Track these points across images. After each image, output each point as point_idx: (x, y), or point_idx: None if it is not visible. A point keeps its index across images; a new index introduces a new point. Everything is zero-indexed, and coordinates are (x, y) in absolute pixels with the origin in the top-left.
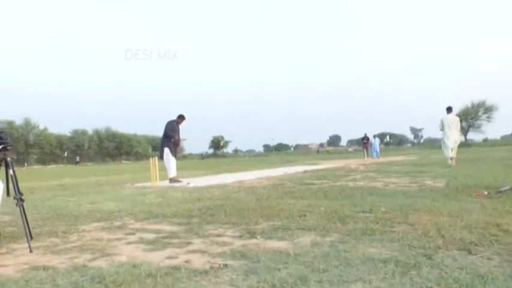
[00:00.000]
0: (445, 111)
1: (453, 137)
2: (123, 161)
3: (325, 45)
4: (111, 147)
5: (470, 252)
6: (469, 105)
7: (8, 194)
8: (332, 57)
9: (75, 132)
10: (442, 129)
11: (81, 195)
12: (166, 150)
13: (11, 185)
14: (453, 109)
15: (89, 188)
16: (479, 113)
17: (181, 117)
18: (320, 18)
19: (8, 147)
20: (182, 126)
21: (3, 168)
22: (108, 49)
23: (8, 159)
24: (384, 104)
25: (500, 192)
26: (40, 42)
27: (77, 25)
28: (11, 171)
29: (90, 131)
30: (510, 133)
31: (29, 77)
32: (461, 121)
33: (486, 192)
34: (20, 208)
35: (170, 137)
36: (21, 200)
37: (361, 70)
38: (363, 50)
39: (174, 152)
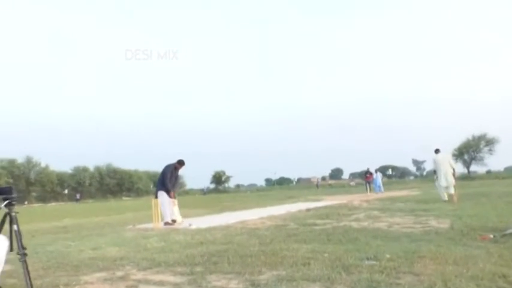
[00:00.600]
0: (434, 153)
1: (445, 176)
2: (123, 198)
3: (326, 77)
4: (112, 184)
5: None
6: (470, 138)
7: (11, 249)
8: (333, 89)
9: (76, 169)
10: (434, 169)
11: (82, 239)
12: (163, 193)
13: (14, 239)
14: (441, 150)
15: (90, 231)
16: (481, 146)
17: (180, 163)
18: (320, 48)
19: (13, 203)
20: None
21: (7, 223)
22: (107, 83)
23: (13, 214)
24: (385, 135)
25: (505, 235)
26: (37, 73)
27: (79, 55)
28: (15, 227)
29: (91, 168)
30: None
31: (30, 112)
32: (463, 153)
33: (492, 236)
34: (23, 264)
35: (164, 184)
36: (25, 254)
37: (362, 101)
38: (364, 82)
39: (169, 195)
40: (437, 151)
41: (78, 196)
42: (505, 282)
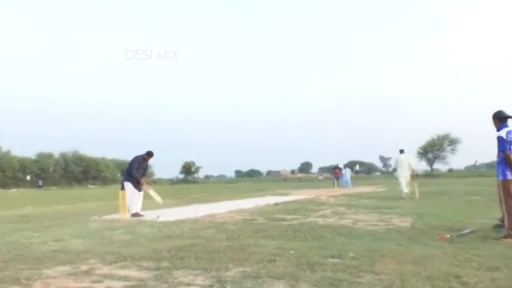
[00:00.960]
0: (398, 152)
1: (404, 174)
2: (89, 186)
3: (298, 74)
4: (78, 171)
5: None
6: (435, 137)
7: None
8: (304, 86)
9: (40, 155)
10: (395, 168)
11: (44, 230)
12: (130, 185)
13: None
14: (405, 151)
15: (53, 221)
16: (444, 145)
17: (149, 154)
18: (301, 48)
19: None
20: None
21: None
22: (80, 67)
23: None
24: (354, 132)
25: (461, 235)
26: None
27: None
28: None
29: (56, 154)
30: (473, 164)
31: None
32: (427, 152)
33: (449, 236)
34: None
35: (133, 176)
36: None
37: (332, 99)
38: (334, 80)
39: (138, 187)
40: (401, 151)
41: (40, 183)
42: (458, 283)
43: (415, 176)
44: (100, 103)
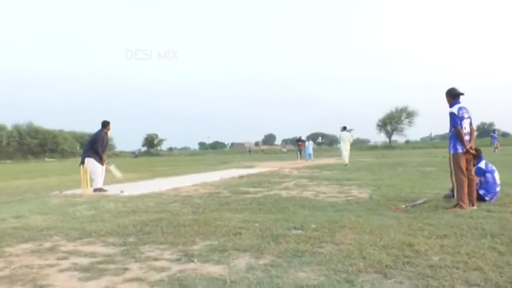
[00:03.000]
0: (340, 129)
1: (346, 147)
2: (46, 159)
3: (264, 47)
4: (34, 144)
5: (386, 276)
6: (394, 110)
7: None
8: (270, 60)
9: None
10: (339, 142)
11: (2, 206)
12: (92, 160)
13: None
14: (346, 128)
15: (11, 196)
16: (402, 118)
17: (106, 124)
18: (261, 20)
19: None
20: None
21: None
22: (32, 34)
23: None
24: (316, 105)
25: (415, 205)
26: None
27: None
28: None
29: (9, 127)
30: (428, 135)
31: None
32: (386, 124)
33: (404, 206)
34: None
35: (96, 151)
36: None
37: (297, 75)
38: (299, 55)
39: (101, 162)
40: (344, 128)
41: None
42: (411, 251)
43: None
44: (54, 72)
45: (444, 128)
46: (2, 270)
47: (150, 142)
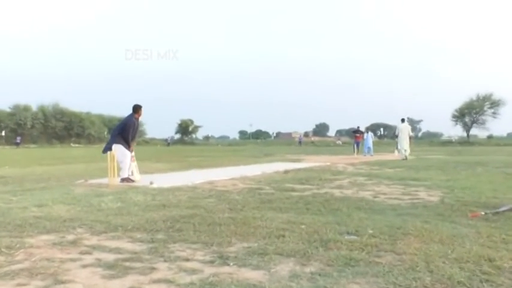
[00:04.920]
0: (400, 121)
1: (405, 141)
2: (72, 144)
3: (318, 32)
4: (59, 128)
5: None
6: (474, 98)
7: None
8: (324, 44)
9: (16, 107)
10: (397, 135)
11: (25, 194)
12: (120, 146)
13: None
14: (406, 120)
15: (34, 183)
16: (485, 108)
17: (138, 109)
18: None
19: None
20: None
21: None
22: (61, 18)
23: None
24: (377, 93)
25: (498, 213)
26: None
27: None
28: None
29: (34, 107)
30: None
31: None
32: (464, 115)
33: (483, 213)
34: None
35: (125, 138)
36: None
37: (354, 60)
38: (355, 41)
39: (129, 149)
40: (403, 120)
41: (18, 140)
42: (491, 267)
43: (411, 140)
44: (82, 51)
45: None
46: (22, 263)
47: (185, 129)
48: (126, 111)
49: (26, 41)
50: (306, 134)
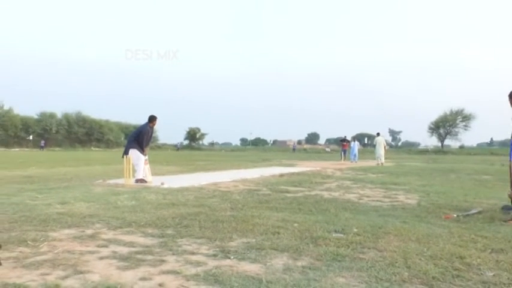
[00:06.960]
0: (376, 135)
1: (380, 151)
2: (92, 148)
3: (308, 39)
4: (81, 133)
5: None
6: (448, 112)
7: None
8: (316, 55)
9: (43, 115)
10: (375, 145)
11: (49, 192)
12: (136, 151)
13: None
14: (380, 134)
15: (57, 183)
16: (457, 121)
17: (153, 119)
18: (306, 13)
19: None
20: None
21: None
22: (85, 28)
23: None
24: (363, 104)
25: (468, 215)
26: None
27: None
28: None
29: (59, 115)
30: (487, 141)
31: None
32: (439, 127)
33: (455, 215)
34: None
35: (140, 144)
36: None
37: (344, 66)
38: (344, 47)
39: (143, 153)
40: (378, 134)
41: (43, 143)
42: (461, 264)
43: (386, 149)
44: (103, 63)
45: (506, 133)
46: (46, 254)
47: (192, 136)
48: (142, 119)
49: (51, 57)
50: (299, 142)
